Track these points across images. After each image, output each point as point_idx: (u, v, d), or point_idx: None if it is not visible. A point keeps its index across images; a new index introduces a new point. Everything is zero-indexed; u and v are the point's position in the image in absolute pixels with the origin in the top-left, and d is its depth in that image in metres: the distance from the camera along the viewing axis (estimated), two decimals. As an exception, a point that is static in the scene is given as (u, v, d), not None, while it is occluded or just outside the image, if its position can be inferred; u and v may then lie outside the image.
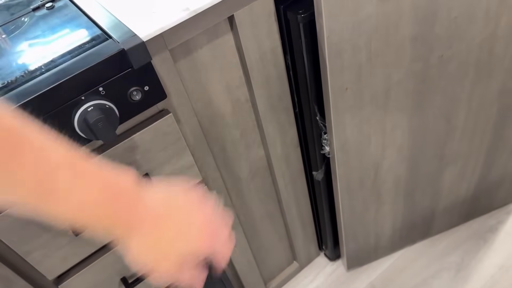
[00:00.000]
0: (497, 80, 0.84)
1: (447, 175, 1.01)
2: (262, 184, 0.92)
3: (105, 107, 0.52)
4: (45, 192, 0.32)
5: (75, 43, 0.55)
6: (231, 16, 0.64)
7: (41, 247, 0.61)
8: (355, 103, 0.75)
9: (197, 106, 0.69)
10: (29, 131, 0.32)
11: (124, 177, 0.37)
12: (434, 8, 0.67)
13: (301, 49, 0.71)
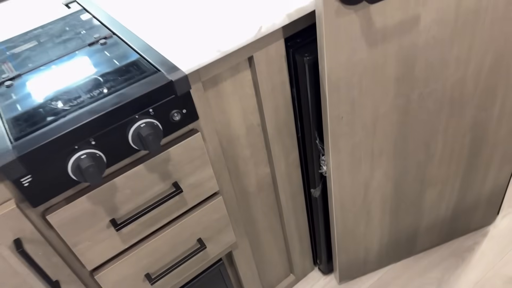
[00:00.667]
0: (468, 115, 0.99)
1: (428, 197, 1.15)
2: (266, 198, 1.05)
3: (154, 124, 0.65)
4: None
5: (130, 73, 0.69)
6: (250, 56, 0.79)
7: (86, 240, 0.73)
8: (349, 130, 0.89)
9: (218, 127, 0.84)
10: None
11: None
12: (413, 55, 0.83)
13: (305, 84, 0.86)
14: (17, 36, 0.88)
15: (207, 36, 0.74)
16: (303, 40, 0.84)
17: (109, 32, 0.81)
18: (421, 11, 0.77)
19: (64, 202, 0.68)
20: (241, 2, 0.83)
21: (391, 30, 0.76)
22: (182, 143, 0.75)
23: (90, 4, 0.95)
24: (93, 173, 0.61)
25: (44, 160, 0.60)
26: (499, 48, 0.90)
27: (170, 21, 0.82)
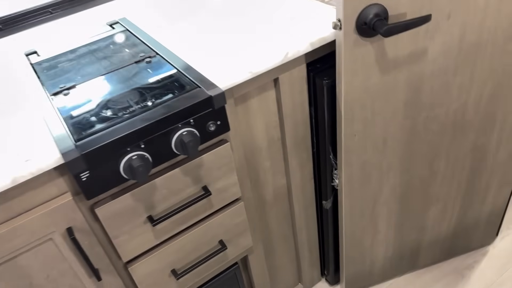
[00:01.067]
0: (469, 138, 1.09)
1: (430, 214, 1.23)
2: (281, 207, 1.14)
3: (193, 133, 0.75)
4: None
5: (174, 87, 0.80)
6: (276, 78, 0.89)
7: (125, 233, 0.82)
8: (361, 147, 0.99)
9: (244, 139, 0.93)
10: None
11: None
12: (421, 82, 0.93)
13: (323, 104, 0.96)
14: (68, 51, 0.99)
15: (241, 59, 0.85)
16: (323, 65, 0.94)
17: (153, 52, 0.92)
18: (428, 44, 0.87)
19: (110, 198, 0.77)
20: (271, 30, 0.94)
21: (401, 60, 0.87)
22: (213, 151, 0.85)
23: (131, 25, 1.07)
24: (142, 172, 0.71)
25: (102, 158, 0.70)
26: (498, 79, 1.00)
27: (207, 43, 0.93)
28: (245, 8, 1.06)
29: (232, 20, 1.01)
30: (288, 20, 0.97)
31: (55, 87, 0.86)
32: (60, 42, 1.05)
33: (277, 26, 0.95)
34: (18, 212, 0.70)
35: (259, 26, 0.96)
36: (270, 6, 1.05)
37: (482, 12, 0.88)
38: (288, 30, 0.92)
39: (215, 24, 1.01)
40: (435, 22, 0.84)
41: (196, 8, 1.11)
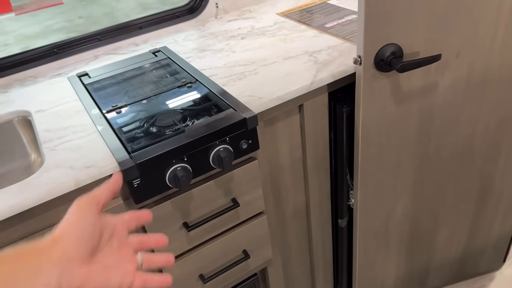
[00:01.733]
0: (476, 166, 1.17)
1: (439, 236, 1.30)
2: (299, 223, 1.23)
3: (229, 149, 0.86)
4: None
5: (212, 110, 0.91)
6: (301, 104, 1.00)
7: (162, 237, 0.92)
8: (376, 169, 1.08)
9: (270, 158, 1.04)
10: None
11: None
12: (432, 113, 1.03)
13: (342, 129, 1.06)
14: (117, 75, 1.13)
15: (271, 87, 0.97)
16: (343, 94, 1.05)
17: (193, 78, 1.05)
18: (439, 79, 0.98)
19: (154, 204, 0.88)
20: (298, 62, 1.06)
21: (414, 92, 0.97)
22: (243, 167, 0.95)
23: (172, 53, 1.20)
24: (184, 181, 0.81)
25: (151, 168, 0.81)
26: (503, 112, 1.09)
27: (240, 72, 1.05)
28: (275, 43, 1.18)
29: (261, 52, 1.13)
30: (313, 54, 1.09)
31: (107, 105, 0.98)
32: (108, 66, 1.18)
33: (303, 59, 1.07)
34: (77, 211, 0.81)
35: (288, 59, 1.08)
36: (300, 42, 1.17)
37: (488, 52, 0.98)
38: (314, 63, 1.04)
39: (245, 56, 1.13)
40: (445, 60, 0.95)
41: (226, 41, 1.24)
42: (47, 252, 0.40)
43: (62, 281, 0.40)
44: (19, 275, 0.38)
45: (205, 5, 1.37)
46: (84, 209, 0.44)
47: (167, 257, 0.50)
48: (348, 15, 1.27)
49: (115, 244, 0.46)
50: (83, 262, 0.42)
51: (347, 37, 1.14)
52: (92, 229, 0.43)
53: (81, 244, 0.42)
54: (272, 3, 1.46)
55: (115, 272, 0.44)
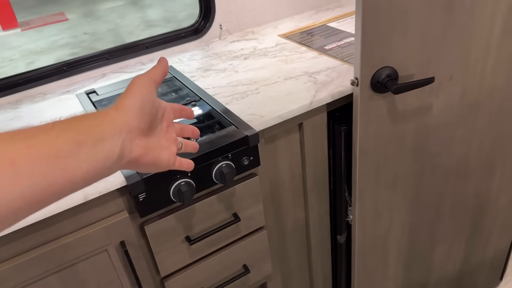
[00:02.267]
0: (471, 184, 1.20)
1: (436, 253, 1.32)
2: (299, 239, 1.25)
3: (231, 165, 0.90)
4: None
5: (215, 127, 0.95)
6: (301, 123, 1.04)
7: (166, 250, 0.95)
8: (373, 187, 1.11)
9: (270, 174, 1.07)
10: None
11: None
12: (427, 133, 1.06)
13: (340, 147, 1.10)
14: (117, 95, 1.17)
15: (272, 105, 1.01)
16: (341, 113, 1.09)
17: (197, 96, 1.09)
18: (433, 101, 1.02)
19: (157, 218, 0.91)
20: (298, 82, 1.10)
21: (410, 113, 1.01)
22: (245, 182, 0.99)
23: (177, 72, 1.25)
24: (188, 196, 0.84)
25: (157, 183, 0.84)
26: (496, 133, 1.13)
27: (243, 91, 1.09)
28: (276, 64, 1.23)
29: (263, 72, 1.18)
30: (313, 74, 1.13)
31: (115, 122, 1.02)
32: (116, 84, 1.23)
33: (303, 79, 1.11)
34: (84, 224, 0.84)
35: (288, 79, 1.13)
36: (300, 63, 1.22)
37: (480, 75, 1.02)
38: (313, 84, 1.08)
39: (247, 76, 1.17)
40: (439, 82, 0.99)
41: (229, 61, 1.29)
42: (111, 120, 0.40)
43: (123, 149, 0.41)
44: (85, 139, 0.37)
45: (210, 27, 1.42)
46: (146, 84, 0.45)
47: (195, 145, 0.59)
48: (347, 37, 1.33)
49: (164, 124, 0.49)
50: (143, 134, 0.43)
51: (346, 59, 1.19)
52: (152, 104, 0.45)
53: (143, 116, 0.43)
54: (274, 25, 1.51)
55: (165, 150, 0.48)
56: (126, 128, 0.41)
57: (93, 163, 0.38)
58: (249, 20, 1.49)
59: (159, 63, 0.51)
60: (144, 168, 0.46)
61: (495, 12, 0.95)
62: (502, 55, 1.02)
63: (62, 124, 0.37)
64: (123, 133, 0.41)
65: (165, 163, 0.48)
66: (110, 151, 0.39)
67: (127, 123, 0.41)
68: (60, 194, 0.36)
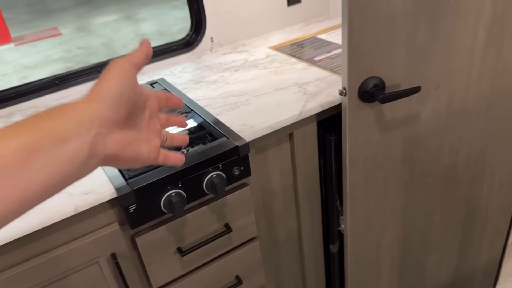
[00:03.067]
0: (461, 192, 1.22)
1: (429, 262, 1.33)
2: (292, 249, 1.25)
3: (222, 176, 0.90)
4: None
5: (207, 138, 0.96)
6: (291, 133, 1.06)
7: (157, 262, 0.95)
8: (364, 195, 1.12)
9: (262, 184, 1.08)
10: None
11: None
12: (415, 141, 1.08)
13: (330, 156, 1.11)
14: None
15: (262, 116, 1.02)
16: (330, 123, 1.11)
17: (188, 108, 1.10)
18: (420, 109, 1.04)
19: (149, 229, 0.91)
20: (288, 93, 1.12)
21: (398, 122, 1.03)
22: (236, 192, 0.99)
23: (169, 85, 1.26)
24: (179, 207, 0.85)
25: (147, 194, 0.84)
26: (484, 140, 1.15)
27: (233, 102, 1.11)
28: (267, 75, 1.25)
29: (253, 83, 1.20)
30: (303, 85, 1.15)
31: (106, 134, 1.03)
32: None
33: (293, 90, 1.13)
34: (75, 236, 0.84)
35: (279, 90, 1.14)
36: (290, 74, 1.24)
37: (465, 84, 1.05)
38: (303, 94, 1.10)
39: (238, 88, 1.19)
40: (426, 91, 1.01)
41: (219, 74, 1.30)
42: (79, 113, 0.35)
43: (95, 146, 0.35)
44: (41, 142, 0.32)
45: (201, 39, 1.44)
46: (125, 69, 0.39)
47: (184, 137, 0.51)
48: (336, 49, 1.35)
49: (146, 115, 0.43)
50: (119, 126, 0.38)
51: (335, 70, 1.21)
52: (132, 92, 0.39)
53: (120, 106, 0.38)
54: (265, 37, 1.54)
55: (146, 144, 0.42)
56: (98, 121, 0.35)
57: (54, 170, 0.32)
58: (240, 32, 1.51)
59: (141, 45, 0.44)
60: (123, 164, 0.41)
61: (478, 23, 0.98)
62: (486, 65, 1.04)
63: (16, 127, 0.32)
64: (94, 128, 0.35)
65: (145, 158, 0.42)
66: (76, 151, 0.34)
67: (100, 115, 0.36)
68: (18, 210, 0.31)
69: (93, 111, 0.36)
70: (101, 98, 0.37)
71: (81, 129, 0.34)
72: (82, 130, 0.34)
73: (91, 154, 0.35)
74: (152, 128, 0.44)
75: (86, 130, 0.35)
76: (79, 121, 0.34)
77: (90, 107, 0.36)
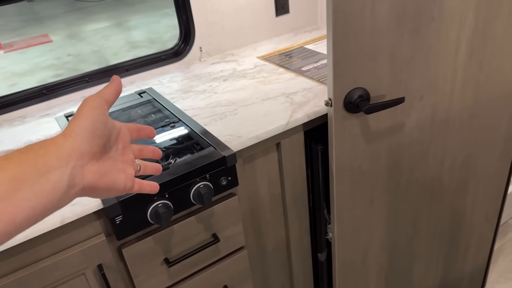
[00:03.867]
0: (446, 201, 1.23)
1: (416, 269, 1.34)
2: (280, 258, 1.26)
3: (209, 186, 0.91)
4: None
5: (194, 148, 0.96)
6: (278, 142, 1.07)
7: (144, 273, 0.94)
8: (351, 204, 1.13)
9: (249, 193, 1.09)
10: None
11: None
12: (400, 150, 1.10)
13: (317, 165, 1.12)
14: (103, 115, 1.18)
15: (250, 126, 1.03)
16: (317, 133, 1.12)
17: (176, 118, 1.10)
18: (405, 120, 1.05)
19: (135, 240, 0.91)
20: (276, 103, 1.13)
21: (383, 131, 1.04)
22: (223, 202, 1.00)
23: (157, 94, 1.26)
24: (166, 218, 0.85)
25: (134, 205, 0.84)
26: (468, 149, 1.17)
27: (221, 112, 1.11)
28: (254, 85, 1.26)
29: (241, 93, 1.21)
30: (290, 95, 1.16)
31: (93, 145, 1.03)
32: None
33: (281, 100, 1.14)
34: (60, 248, 0.84)
35: (266, 100, 1.15)
36: (278, 84, 1.25)
37: (448, 95, 1.07)
38: (290, 104, 1.11)
39: (226, 97, 1.20)
40: (410, 102, 1.03)
41: (208, 83, 1.31)
42: (58, 148, 0.38)
43: (74, 177, 0.38)
44: (26, 174, 0.35)
45: (190, 49, 1.45)
46: (97, 106, 0.42)
47: (157, 166, 0.54)
48: (323, 59, 1.37)
49: (120, 146, 0.46)
50: (95, 158, 0.41)
51: (321, 80, 1.22)
52: (104, 127, 0.42)
53: (95, 139, 0.41)
54: (253, 47, 1.55)
55: (121, 174, 0.45)
56: (75, 154, 0.39)
57: (38, 200, 0.36)
58: (228, 42, 1.52)
59: (111, 82, 0.47)
60: (100, 193, 0.43)
61: (460, 35, 1.00)
62: (469, 75, 1.07)
63: (5, 160, 0.35)
64: (72, 161, 0.38)
65: (121, 187, 0.45)
66: (57, 182, 0.37)
67: (77, 148, 0.39)
68: (6, 235, 0.34)
69: (70, 145, 0.39)
70: (76, 133, 0.40)
71: (61, 162, 0.38)
72: (61, 163, 0.38)
73: (71, 185, 0.38)
74: (126, 159, 0.47)
75: (65, 163, 0.38)
76: (58, 155, 0.38)
77: (67, 141, 0.39)
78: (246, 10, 1.51)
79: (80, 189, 0.40)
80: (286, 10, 1.60)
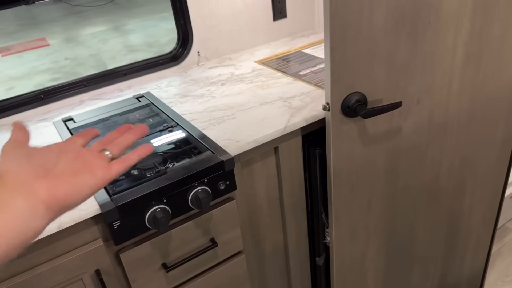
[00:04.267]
0: (443, 204, 1.24)
1: (414, 273, 1.34)
2: (278, 262, 1.26)
3: (207, 190, 0.91)
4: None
5: (192, 153, 0.96)
6: (276, 146, 1.07)
7: (142, 278, 0.94)
8: (348, 208, 1.13)
9: (247, 198, 1.09)
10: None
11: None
12: (398, 154, 1.10)
13: (315, 169, 1.12)
14: (101, 120, 1.18)
15: (248, 130, 1.03)
16: (315, 137, 1.12)
17: (174, 122, 1.10)
18: (402, 124, 1.06)
19: (133, 245, 0.91)
20: (274, 107, 1.13)
21: (380, 136, 1.05)
22: (221, 207, 1.00)
23: (155, 98, 1.26)
24: (163, 222, 0.85)
25: (131, 210, 0.84)
26: (465, 153, 1.17)
27: (219, 116, 1.11)
28: (252, 89, 1.26)
29: (239, 98, 1.21)
30: (288, 99, 1.17)
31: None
32: (93, 111, 1.23)
33: (279, 104, 1.14)
34: (58, 253, 0.83)
35: (264, 104, 1.16)
36: (276, 88, 1.25)
37: (446, 99, 1.07)
38: (288, 108, 1.12)
39: (224, 102, 1.20)
40: (407, 106, 1.03)
41: (206, 87, 1.32)
42: (3, 188, 0.41)
43: (29, 201, 0.41)
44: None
45: (188, 53, 1.45)
46: (14, 149, 0.45)
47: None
48: (321, 63, 1.37)
49: (70, 156, 0.48)
50: (40, 176, 0.43)
51: (319, 84, 1.23)
52: (28, 160, 0.44)
53: (28, 165, 0.43)
54: (251, 52, 1.55)
55: (84, 172, 0.46)
56: (19, 184, 0.42)
57: (7, 234, 0.39)
58: (226, 47, 1.53)
59: (15, 129, 0.49)
60: (75, 197, 0.45)
61: (457, 40, 1.01)
62: (466, 79, 1.07)
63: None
64: (20, 190, 0.41)
65: (92, 181, 0.47)
66: (17, 212, 0.40)
67: (17, 180, 0.42)
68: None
69: (10, 181, 0.42)
70: (9, 171, 0.43)
71: (11, 196, 0.41)
72: (12, 197, 0.41)
73: (33, 209, 0.41)
74: (87, 158, 0.49)
75: (15, 195, 0.41)
76: (6, 193, 0.41)
77: (4, 181, 0.42)
78: (244, 14, 1.51)
79: (47, 207, 0.42)
80: (283, 14, 1.61)
